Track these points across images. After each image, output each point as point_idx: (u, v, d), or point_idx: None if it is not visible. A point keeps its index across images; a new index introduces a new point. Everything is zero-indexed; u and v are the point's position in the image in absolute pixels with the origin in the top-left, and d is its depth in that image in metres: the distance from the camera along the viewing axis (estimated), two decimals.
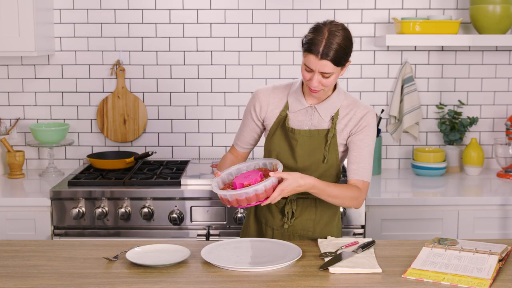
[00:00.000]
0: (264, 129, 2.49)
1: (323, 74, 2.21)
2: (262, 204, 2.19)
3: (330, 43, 2.17)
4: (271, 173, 2.13)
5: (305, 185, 2.18)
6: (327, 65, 2.18)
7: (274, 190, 2.15)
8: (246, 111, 2.47)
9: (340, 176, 2.45)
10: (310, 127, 2.36)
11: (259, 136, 2.52)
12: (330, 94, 2.36)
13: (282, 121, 2.39)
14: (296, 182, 2.16)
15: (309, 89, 2.28)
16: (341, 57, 2.20)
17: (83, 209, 3.12)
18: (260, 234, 2.51)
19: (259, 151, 3.73)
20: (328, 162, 2.37)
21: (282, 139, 2.40)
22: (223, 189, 2.24)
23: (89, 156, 3.55)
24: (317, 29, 2.22)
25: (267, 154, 2.45)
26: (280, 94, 2.41)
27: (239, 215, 3.10)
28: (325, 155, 2.36)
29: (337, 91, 2.37)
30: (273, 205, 2.42)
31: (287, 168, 2.40)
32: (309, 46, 2.20)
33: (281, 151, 2.40)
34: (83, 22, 3.68)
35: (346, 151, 2.42)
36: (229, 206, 2.23)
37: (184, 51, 3.71)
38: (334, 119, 2.34)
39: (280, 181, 2.17)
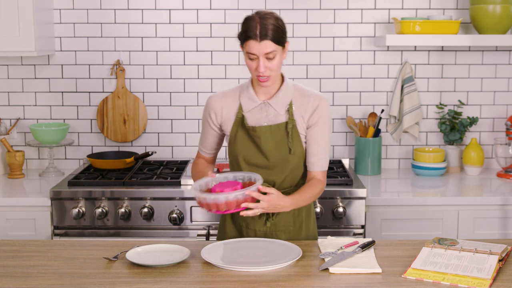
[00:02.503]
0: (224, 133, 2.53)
1: (267, 56, 2.27)
2: (240, 213, 2.24)
3: (264, 25, 2.26)
4: (247, 189, 2.19)
5: (285, 207, 2.29)
6: (268, 45, 2.26)
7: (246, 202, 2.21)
8: (204, 119, 2.53)
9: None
10: (269, 123, 2.41)
11: (222, 140, 2.58)
12: (279, 87, 2.42)
13: (240, 123, 2.42)
14: (278, 202, 2.26)
15: (258, 80, 2.33)
16: (279, 35, 2.28)
17: (83, 209, 3.12)
18: (238, 236, 2.52)
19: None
20: (295, 153, 2.42)
21: (246, 140, 2.43)
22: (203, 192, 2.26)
23: (89, 156, 3.56)
24: (248, 19, 2.31)
25: (233, 158, 2.46)
26: (232, 97, 2.46)
27: None
28: (289, 146, 2.41)
29: (285, 83, 2.43)
30: None
31: (259, 167, 2.43)
32: (246, 34, 2.28)
33: (247, 152, 2.43)
34: (83, 22, 3.68)
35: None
36: (200, 207, 2.26)
37: (184, 51, 3.71)
38: (289, 110, 2.40)
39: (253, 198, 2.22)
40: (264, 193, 2.25)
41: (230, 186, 2.24)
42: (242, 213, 2.22)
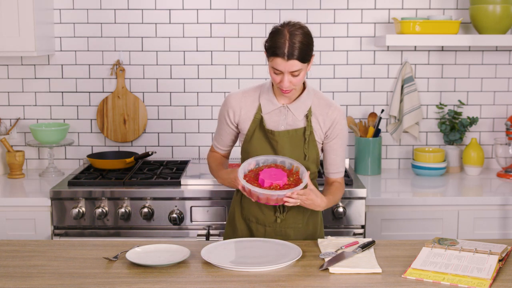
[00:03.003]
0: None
1: (292, 73, 2.29)
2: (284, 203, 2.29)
3: (293, 43, 2.25)
4: (289, 190, 2.23)
5: (319, 206, 2.36)
6: (295, 64, 2.27)
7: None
8: (221, 117, 2.53)
9: (318, 169, 2.56)
10: (286, 127, 2.43)
11: (237, 137, 2.59)
12: (301, 93, 2.44)
13: (258, 124, 2.44)
14: (316, 198, 2.33)
15: (281, 91, 2.35)
16: (306, 53, 2.28)
17: (83, 209, 3.12)
18: (250, 233, 2.53)
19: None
20: (309, 159, 2.45)
21: (262, 141, 2.44)
22: (246, 177, 2.29)
23: (89, 156, 3.55)
24: (277, 32, 2.29)
25: (246, 156, 2.48)
26: (251, 97, 2.46)
27: None
28: (305, 152, 2.43)
29: (307, 90, 2.45)
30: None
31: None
32: (274, 50, 2.27)
33: (262, 152, 2.44)
34: (83, 22, 3.68)
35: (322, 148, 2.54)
36: (250, 197, 2.30)
37: (184, 51, 3.71)
38: (308, 116, 2.42)
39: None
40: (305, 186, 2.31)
41: (277, 176, 2.27)
42: (285, 199, 2.26)
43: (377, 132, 3.62)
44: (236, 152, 3.69)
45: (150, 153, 3.53)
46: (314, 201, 2.32)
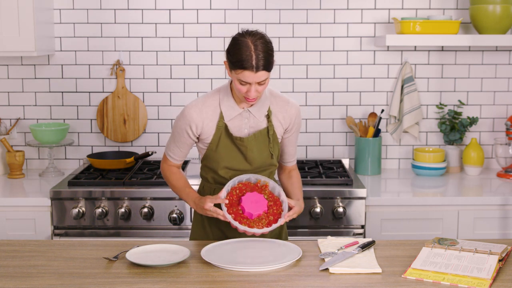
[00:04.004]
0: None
1: (259, 83, 2.29)
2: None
3: (258, 54, 2.24)
4: (282, 218, 2.32)
5: (301, 211, 2.46)
6: (263, 75, 2.27)
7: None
8: (180, 131, 2.45)
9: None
10: (250, 130, 2.44)
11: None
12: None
13: (222, 131, 2.43)
14: (300, 209, 2.45)
15: (246, 99, 2.34)
16: (270, 62, 2.29)
17: (83, 209, 3.12)
18: (224, 235, 2.53)
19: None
20: (274, 156, 2.49)
21: (230, 148, 2.44)
22: (232, 214, 2.30)
23: (89, 156, 3.56)
24: (241, 44, 2.26)
25: (215, 164, 2.46)
26: (211, 106, 2.43)
27: None
28: (271, 151, 2.47)
29: (264, 92, 2.46)
30: None
31: (240, 172, 2.46)
32: (241, 63, 2.24)
33: (231, 159, 2.44)
34: (83, 22, 3.68)
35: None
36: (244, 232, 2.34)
37: (184, 51, 3.71)
38: (269, 116, 2.45)
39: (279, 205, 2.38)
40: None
41: (258, 202, 2.31)
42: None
43: (377, 132, 3.62)
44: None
45: (150, 153, 3.53)
46: (299, 212, 2.43)
